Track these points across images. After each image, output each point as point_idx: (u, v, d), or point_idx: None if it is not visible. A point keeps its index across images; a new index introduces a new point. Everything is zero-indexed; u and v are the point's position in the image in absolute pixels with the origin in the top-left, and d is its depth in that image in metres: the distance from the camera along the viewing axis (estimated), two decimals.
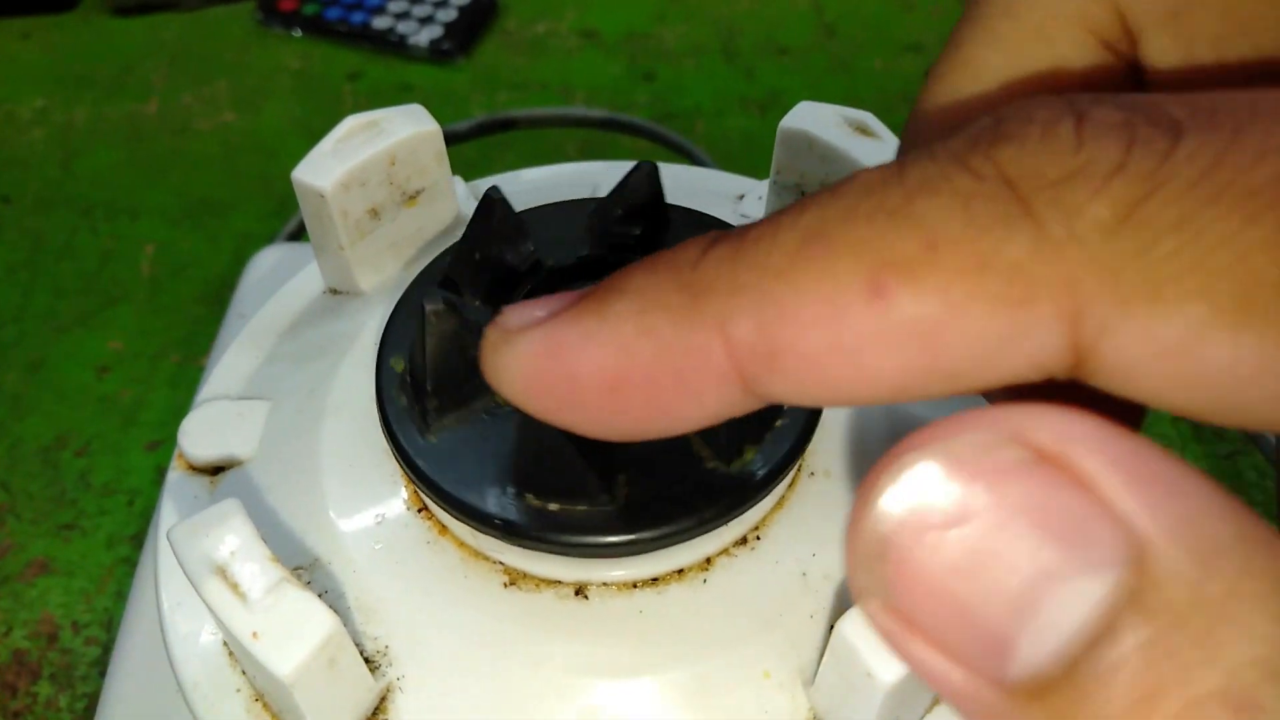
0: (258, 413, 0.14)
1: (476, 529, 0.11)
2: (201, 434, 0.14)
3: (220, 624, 0.10)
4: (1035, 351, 0.08)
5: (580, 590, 0.12)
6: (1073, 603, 0.07)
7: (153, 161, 0.40)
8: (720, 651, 0.12)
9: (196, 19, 0.46)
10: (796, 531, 0.12)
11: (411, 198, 0.15)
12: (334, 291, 0.16)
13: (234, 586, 0.10)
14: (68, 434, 0.31)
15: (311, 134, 0.40)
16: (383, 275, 0.15)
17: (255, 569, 0.10)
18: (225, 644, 0.12)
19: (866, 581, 0.08)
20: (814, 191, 0.09)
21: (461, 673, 0.11)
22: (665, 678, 0.11)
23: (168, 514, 0.13)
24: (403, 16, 0.44)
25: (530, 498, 0.11)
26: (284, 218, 0.37)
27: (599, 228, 0.13)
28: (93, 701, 0.26)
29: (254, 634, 0.10)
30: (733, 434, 0.11)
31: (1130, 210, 0.07)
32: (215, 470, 0.14)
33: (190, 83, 0.43)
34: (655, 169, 0.13)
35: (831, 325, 0.08)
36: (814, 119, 0.15)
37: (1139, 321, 0.07)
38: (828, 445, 0.13)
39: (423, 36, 0.43)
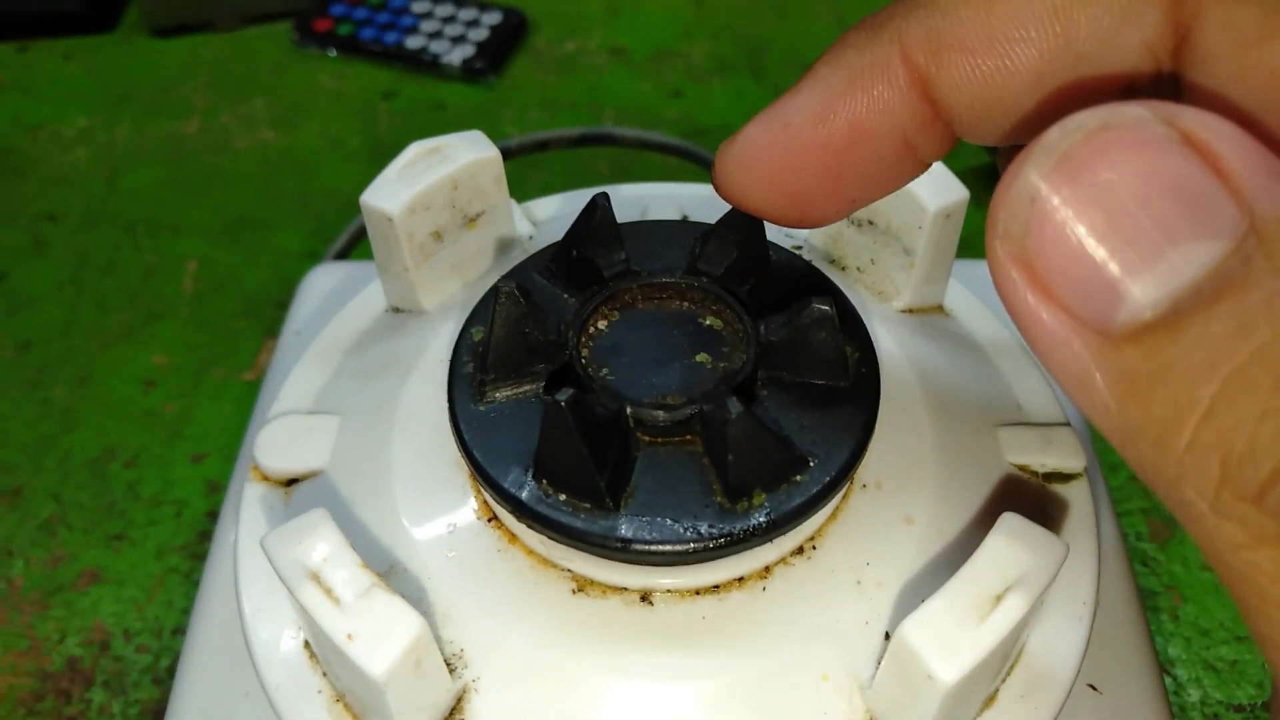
0: (329, 427, 0.15)
1: (546, 531, 0.12)
2: (276, 447, 0.15)
3: (315, 627, 0.11)
4: (1147, 30, 0.10)
5: (645, 597, 0.12)
6: (1189, 259, 0.08)
7: (193, 179, 0.40)
8: (779, 655, 0.12)
9: (234, 39, 0.47)
10: (850, 542, 0.13)
11: (472, 220, 0.16)
12: (396, 310, 0.16)
13: (328, 591, 0.11)
14: (115, 447, 0.32)
15: (347, 152, 0.41)
16: (444, 295, 0.16)
17: (346, 575, 0.11)
18: (306, 647, 0.13)
19: (1009, 225, 0.09)
20: None
21: (533, 676, 0.12)
22: (726, 680, 0.12)
23: (247, 523, 0.14)
24: (435, 36, 0.45)
25: (596, 508, 0.12)
26: (322, 234, 0.38)
27: (694, 253, 0.14)
28: (145, 707, 0.26)
29: (349, 636, 0.10)
30: (756, 466, 0.12)
31: None
32: (289, 482, 0.15)
33: (229, 102, 0.44)
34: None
35: (984, 19, 0.11)
36: None
37: (1222, 9, 0.10)
38: (880, 458, 0.13)
39: (455, 56, 0.44)
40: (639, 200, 0.17)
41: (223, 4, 0.47)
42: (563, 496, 0.12)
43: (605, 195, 0.13)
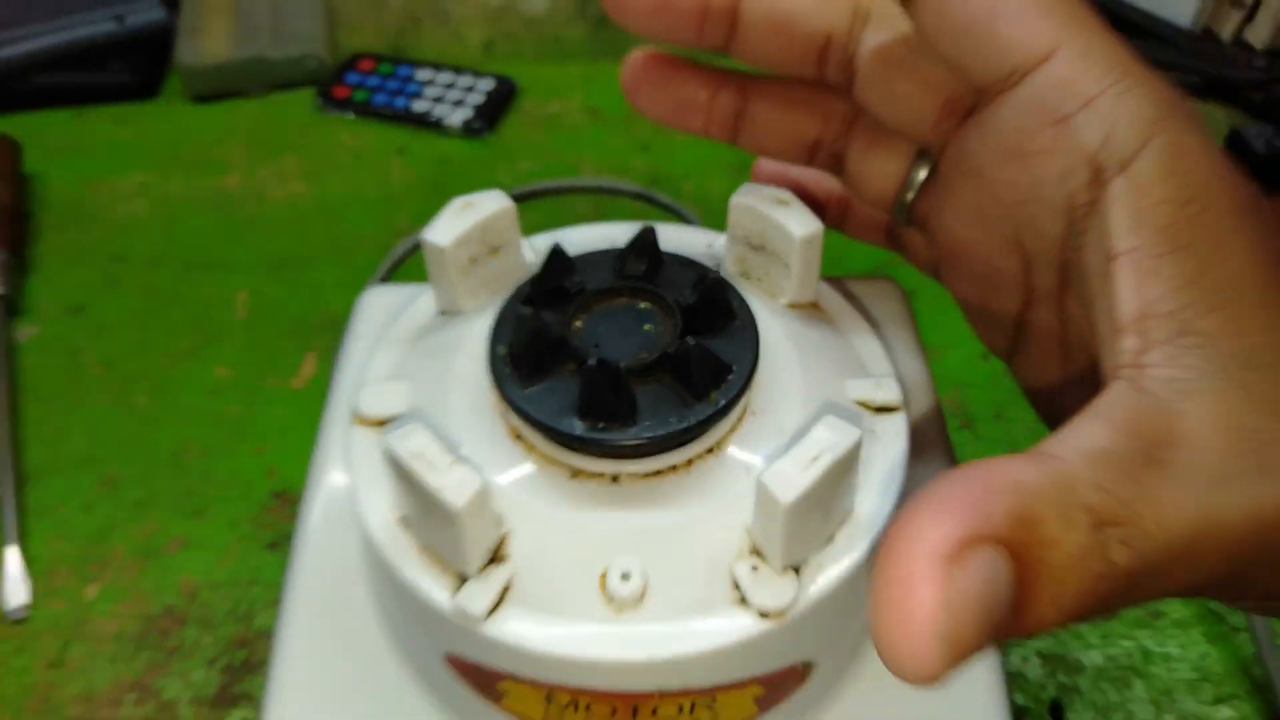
0: (404, 387, 0.22)
1: (553, 441, 0.20)
2: (371, 401, 0.22)
3: (419, 488, 0.18)
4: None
5: (615, 478, 0.20)
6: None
7: (238, 225, 0.48)
8: (696, 509, 0.20)
9: (264, 104, 0.55)
10: (742, 442, 0.20)
11: (494, 250, 0.24)
12: (444, 312, 0.24)
13: (429, 463, 0.18)
14: (190, 442, 0.39)
15: (367, 200, 0.49)
16: (477, 301, 0.24)
17: (437, 454, 0.18)
18: (400, 520, 0.20)
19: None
20: None
21: (547, 527, 0.19)
22: (665, 526, 0.19)
23: (359, 444, 0.22)
24: (438, 101, 0.53)
25: (586, 424, 0.19)
26: (350, 267, 0.45)
27: (619, 268, 0.22)
28: (230, 641, 0.33)
29: (441, 488, 0.18)
30: (704, 382, 0.19)
31: None
32: (380, 424, 0.22)
33: (263, 159, 0.52)
34: (653, 230, 0.22)
35: None
36: (752, 195, 0.23)
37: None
38: (763, 394, 0.21)
39: (456, 118, 0.52)
40: (600, 237, 0.25)
41: (254, 74, 0.55)
42: (601, 425, 0.19)
43: (558, 245, 0.21)
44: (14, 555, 0.35)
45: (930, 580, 0.12)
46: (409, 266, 0.45)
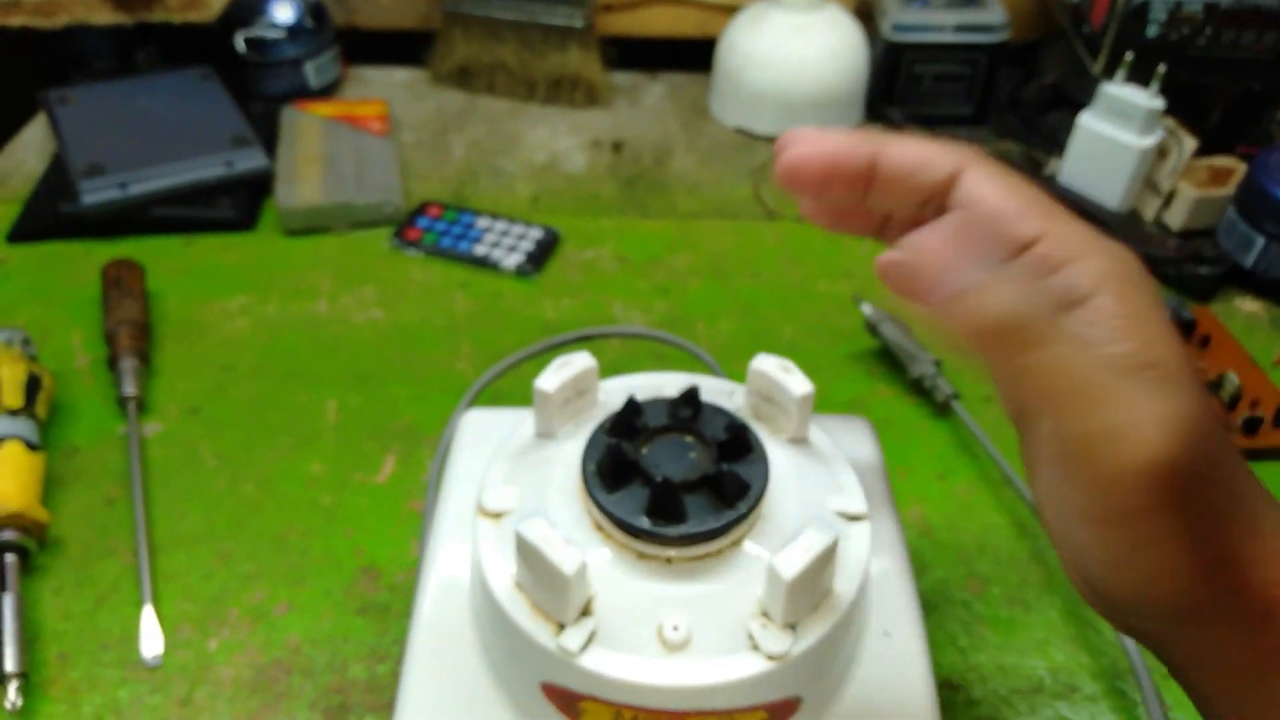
0: (514, 490, 0.31)
1: (626, 533, 0.28)
2: (492, 499, 0.31)
3: (540, 561, 0.27)
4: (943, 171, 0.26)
5: (669, 560, 0.29)
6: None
7: (326, 344, 0.57)
8: (725, 586, 0.28)
9: (347, 240, 0.65)
10: (755, 539, 0.29)
11: (581, 392, 0.33)
12: (541, 436, 0.33)
13: (550, 543, 0.27)
14: (291, 525, 0.47)
15: (435, 327, 0.59)
16: (565, 429, 0.33)
17: (554, 538, 0.27)
18: (516, 585, 0.29)
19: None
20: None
21: (621, 592, 0.28)
22: (703, 594, 0.28)
23: (483, 533, 0.30)
24: (495, 245, 0.63)
25: (651, 521, 0.28)
26: (422, 383, 0.54)
27: (672, 412, 0.31)
28: (327, 687, 0.41)
29: (561, 562, 0.26)
30: (732, 496, 0.29)
31: None
32: (497, 516, 0.31)
33: (346, 288, 0.61)
34: (698, 388, 0.31)
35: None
36: (764, 363, 0.33)
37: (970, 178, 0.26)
38: (770, 504, 0.30)
39: (510, 261, 0.62)
40: (654, 384, 0.34)
41: (339, 215, 0.65)
42: (662, 522, 0.28)
43: (633, 397, 0.31)
44: (149, 613, 0.43)
45: None
46: (482, 394, 0.54)
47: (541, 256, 0.63)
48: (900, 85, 0.76)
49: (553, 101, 0.79)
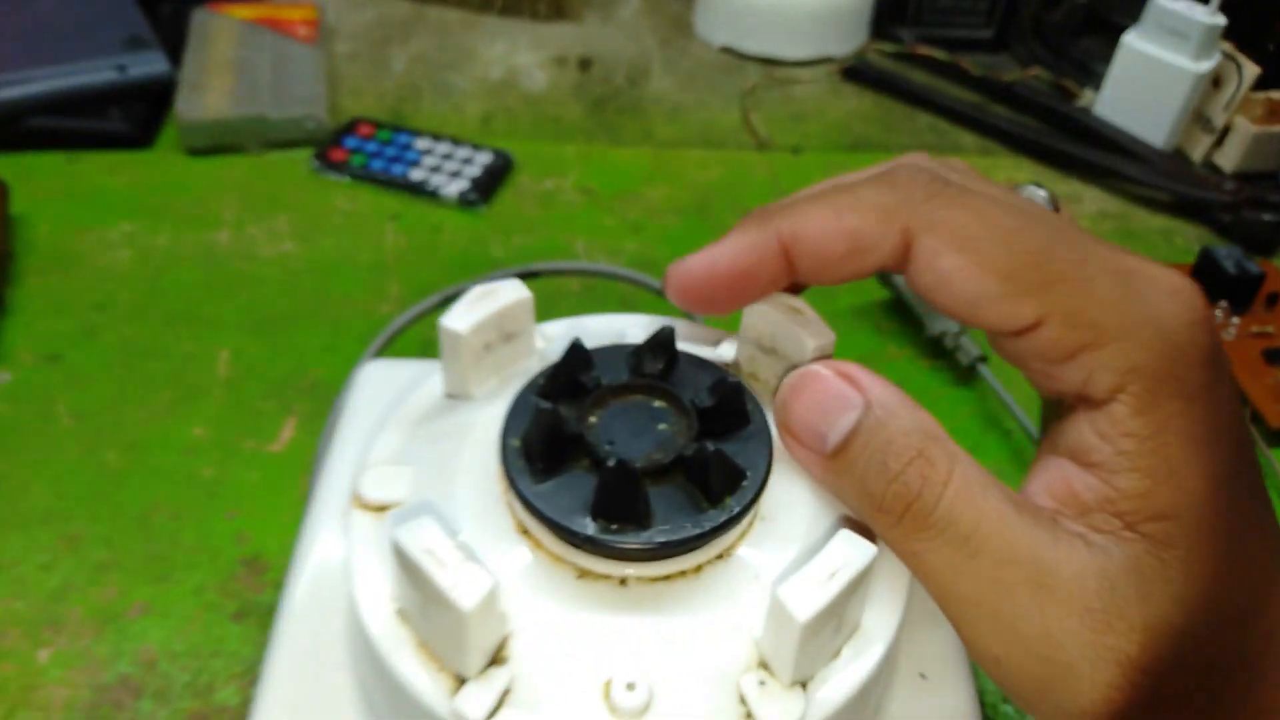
0: (406, 474, 0.22)
1: (562, 540, 0.19)
2: (373, 485, 0.22)
3: (425, 585, 0.17)
4: (891, 240, 0.20)
5: (623, 581, 0.19)
6: (845, 420, 0.18)
7: (225, 282, 0.48)
8: (705, 620, 0.19)
9: (259, 162, 0.55)
10: (752, 547, 0.20)
11: (509, 336, 0.24)
12: (452, 396, 0.24)
13: (439, 561, 0.17)
14: (160, 503, 0.38)
15: (358, 264, 0.49)
16: (486, 387, 0.24)
17: (448, 551, 0.18)
18: (398, 613, 0.20)
19: (782, 419, 0.20)
20: None
21: (551, 629, 0.19)
22: (672, 633, 0.19)
23: (357, 531, 0.21)
24: (435, 170, 0.53)
25: (598, 524, 0.19)
26: (337, 332, 0.45)
27: (634, 364, 0.22)
28: (187, 715, 0.32)
29: (452, 586, 0.17)
30: (720, 487, 0.19)
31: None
32: (380, 509, 0.22)
33: (255, 217, 0.51)
34: (672, 330, 0.22)
35: (820, 227, 0.21)
36: (767, 304, 0.23)
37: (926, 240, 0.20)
38: (771, 497, 0.21)
39: (452, 189, 0.52)
40: (611, 329, 0.25)
41: (251, 131, 0.55)
42: (614, 526, 0.19)
43: (578, 340, 0.21)
44: None
45: None
46: (402, 340, 0.45)
47: (490, 185, 0.53)
48: (913, 2, 0.66)
49: (512, 12, 0.69)
